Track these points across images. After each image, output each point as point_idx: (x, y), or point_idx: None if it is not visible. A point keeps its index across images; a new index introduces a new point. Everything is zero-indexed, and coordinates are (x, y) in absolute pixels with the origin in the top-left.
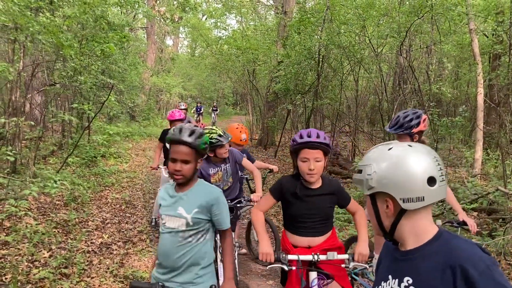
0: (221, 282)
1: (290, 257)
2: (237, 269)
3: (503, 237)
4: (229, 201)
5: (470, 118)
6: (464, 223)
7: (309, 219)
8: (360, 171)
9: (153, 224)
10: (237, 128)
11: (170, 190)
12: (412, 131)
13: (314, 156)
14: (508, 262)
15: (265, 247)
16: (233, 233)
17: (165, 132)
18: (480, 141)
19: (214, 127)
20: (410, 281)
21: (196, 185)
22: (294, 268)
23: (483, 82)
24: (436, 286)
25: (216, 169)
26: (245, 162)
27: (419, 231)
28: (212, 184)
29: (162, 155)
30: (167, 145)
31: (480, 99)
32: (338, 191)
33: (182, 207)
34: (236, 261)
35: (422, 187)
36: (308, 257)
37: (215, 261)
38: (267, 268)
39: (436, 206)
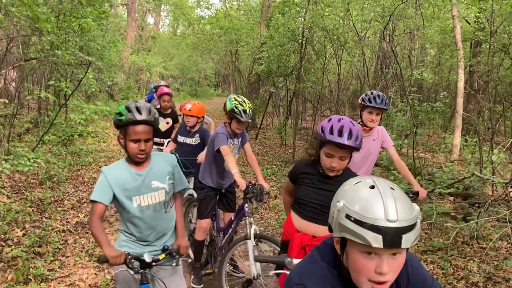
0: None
1: (296, 261)
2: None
3: (476, 220)
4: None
5: (450, 105)
6: (417, 193)
7: (311, 203)
8: None
9: None
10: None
11: (126, 173)
12: None
13: (340, 154)
14: (481, 245)
15: None
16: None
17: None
18: (459, 127)
19: (246, 101)
20: None
21: (153, 156)
22: None
23: (464, 69)
24: None
25: (230, 140)
26: (247, 146)
27: None
28: None
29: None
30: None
31: (461, 85)
32: None
33: (155, 180)
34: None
35: None
36: None
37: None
38: (271, 274)
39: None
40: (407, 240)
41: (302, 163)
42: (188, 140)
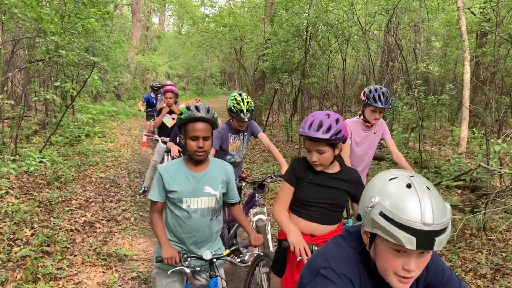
0: None
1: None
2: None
3: (483, 211)
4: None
5: (456, 97)
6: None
7: (318, 204)
8: None
9: (140, 191)
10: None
11: (182, 172)
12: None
13: (315, 148)
14: (489, 237)
15: (296, 237)
16: (258, 207)
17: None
18: (466, 120)
19: (246, 98)
20: None
21: (212, 162)
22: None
23: (470, 61)
24: None
25: (235, 136)
26: (262, 135)
27: None
28: (229, 153)
29: (152, 129)
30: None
31: (467, 77)
32: (357, 182)
33: (208, 185)
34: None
35: None
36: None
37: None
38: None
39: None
40: (440, 242)
41: (296, 162)
42: None
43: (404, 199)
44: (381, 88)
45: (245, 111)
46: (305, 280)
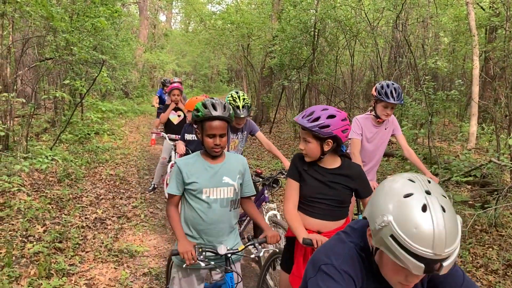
0: None
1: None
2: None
3: (494, 207)
4: None
5: (465, 93)
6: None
7: (322, 200)
8: None
9: (150, 188)
10: (197, 98)
11: (201, 164)
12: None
13: (303, 135)
14: (500, 233)
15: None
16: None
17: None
18: (475, 116)
19: (243, 95)
20: None
21: (228, 155)
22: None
23: (479, 56)
24: None
25: (234, 135)
26: (260, 135)
27: None
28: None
29: (161, 126)
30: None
31: (476, 73)
32: (358, 176)
33: (226, 176)
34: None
35: None
36: None
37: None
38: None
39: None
40: (447, 267)
41: (297, 157)
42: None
43: (419, 226)
44: (393, 84)
45: (241, 107)
46: (308, 275)
